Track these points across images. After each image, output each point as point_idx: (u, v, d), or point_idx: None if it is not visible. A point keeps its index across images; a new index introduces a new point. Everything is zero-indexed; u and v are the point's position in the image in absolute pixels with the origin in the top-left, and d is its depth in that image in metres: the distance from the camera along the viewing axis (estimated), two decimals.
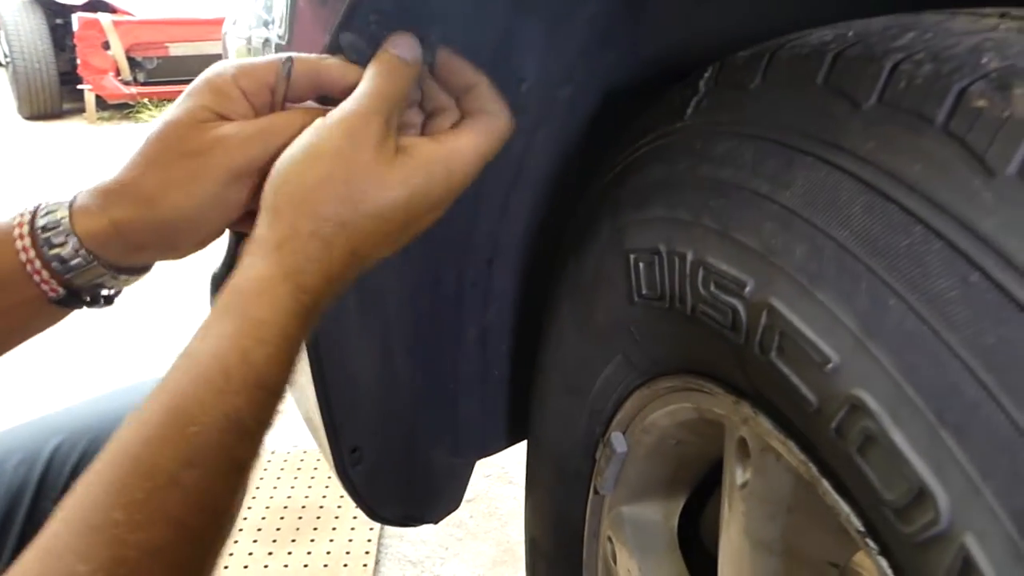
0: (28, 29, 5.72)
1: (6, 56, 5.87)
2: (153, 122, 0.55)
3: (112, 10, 5.78)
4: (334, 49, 0.60)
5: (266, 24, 0.85)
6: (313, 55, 0.58)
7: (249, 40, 0.95)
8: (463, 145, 0.55)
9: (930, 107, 0.36)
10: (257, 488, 1.78)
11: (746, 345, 0.46)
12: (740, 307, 0.46)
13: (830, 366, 0.39)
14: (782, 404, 0.46)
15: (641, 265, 0.59)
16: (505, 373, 1.03)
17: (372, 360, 0.90)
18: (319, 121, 0.52)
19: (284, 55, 0.57)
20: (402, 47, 0.55)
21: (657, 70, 0.77)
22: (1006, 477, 0.30)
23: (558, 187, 0.89)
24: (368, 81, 0.53)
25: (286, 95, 0.57)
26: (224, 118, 0.54)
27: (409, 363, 0.94)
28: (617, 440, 0.75)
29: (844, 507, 0.42)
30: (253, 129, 0.54)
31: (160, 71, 5.92)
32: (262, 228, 0.49)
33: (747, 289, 0.45)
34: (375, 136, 0.50)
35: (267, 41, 0.83)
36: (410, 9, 0.62)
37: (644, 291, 0.60)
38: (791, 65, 0.46)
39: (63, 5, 5.76)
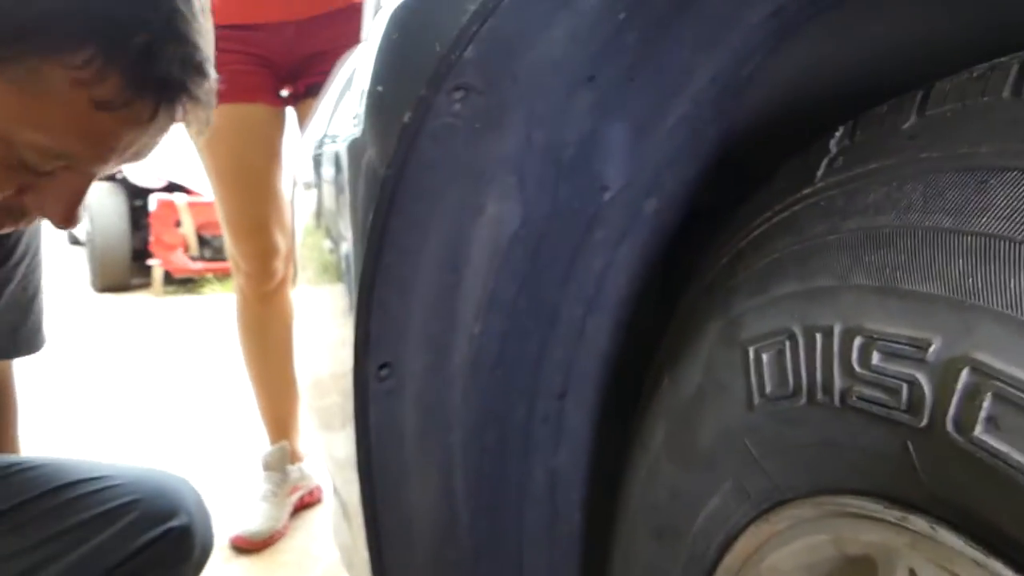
0: (110, 210, 6.08)
1: (88, 234, 6.19)
2: None
3: (186, 191, 6.13)
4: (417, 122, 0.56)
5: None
6: None
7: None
8: None
9: None
10: None
11: (930, 428, 0.36)
12: (921, 376, 0.36)
13: None
14: (984, 506, 0.35)
15: (764, 357, 0.49)
16: (577, 526, 0.91)
17: (431, 500, 0.80)
18: None
19: None
20: None
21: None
22: None
23: (641, 311, 0.82)
24: None
25: None
26: None
27: (470, 507, 0.83)
28: None
29: None
30: None
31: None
32: None
33: (932, 348, 0.35)
34: None
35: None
36: (496, 86, 0.58)
37: (768, 390, 0.50)
38: (961, 91, 0.39)
39: (143, 188, 6.14)
